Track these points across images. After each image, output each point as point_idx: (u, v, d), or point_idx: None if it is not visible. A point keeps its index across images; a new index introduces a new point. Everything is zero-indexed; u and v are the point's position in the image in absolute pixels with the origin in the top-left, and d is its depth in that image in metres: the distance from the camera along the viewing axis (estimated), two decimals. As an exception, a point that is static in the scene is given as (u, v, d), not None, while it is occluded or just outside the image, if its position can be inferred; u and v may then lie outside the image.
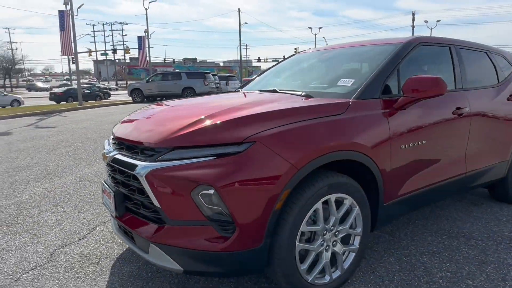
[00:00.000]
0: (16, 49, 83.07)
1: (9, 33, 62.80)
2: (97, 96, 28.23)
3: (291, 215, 1.94)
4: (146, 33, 29.09)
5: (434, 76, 2.40)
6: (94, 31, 61.15)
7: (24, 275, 2.49)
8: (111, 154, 2.24)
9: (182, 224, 1.90)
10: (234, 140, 1.86)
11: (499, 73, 3.53)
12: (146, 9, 28.99)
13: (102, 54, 39.07)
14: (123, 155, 2.17)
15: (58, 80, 71.70)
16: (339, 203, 2.18)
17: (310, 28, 48.13)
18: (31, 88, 56.86)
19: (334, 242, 2.18)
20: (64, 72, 45.22)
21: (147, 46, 29.21)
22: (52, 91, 28.74)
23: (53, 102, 25.31)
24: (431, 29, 44.47)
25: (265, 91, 2.98)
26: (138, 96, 21.14)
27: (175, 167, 1.85)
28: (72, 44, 18.42)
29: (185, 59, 74.83)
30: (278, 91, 2.82)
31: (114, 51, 38.62)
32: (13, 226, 3.32)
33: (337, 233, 2.18)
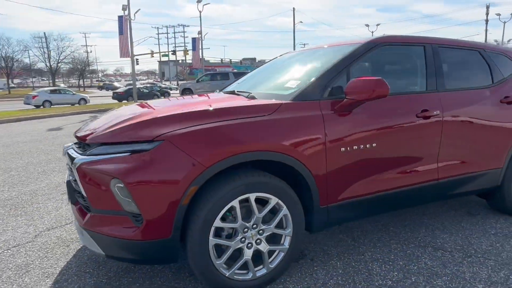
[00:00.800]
0: (91, 51, 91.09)
1: (85, 37, 68.94)
2: (155, 95, 30.02)
3: (203, 211, 2.03)
4: (200, 35, 30.34)
5: (375, 77, 2.32)
6: (158, 33, 65.00)
7: (5, 251, 2.87)
8: (66, 149, 2.51)
9: (103, 213, 2.09)
10: (146, 138, 2.01)
11: (495, 73, 3.23)
12: (200, 12, 30.33)
13: (163, 56, 41.54)
14: (74, 150, 2.42)
15: (126, 80, 77.12)
16: (264, 202, 2.22)
17: (367, 25, 46.34)
18: (108, 87, 61.83)
19: (258, 240, 2.23)
20: (131, 72, 48.61)
21: (200, 47, 30.50)
22: (114, 91, 31.18)
23: (116, 101, 27.46)
24: (504, 22, 40.44)
25: (227, 92, 3.09)
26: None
27: (97, 161, 2.05)
28: (129, 46, 19.92)
29: (243, 59, 76.51)
30: (236, 92, 2.91)
31: (174, 52, 40.82)
32: (19, 210, 3.79)
33: (261, 231, 2.22)
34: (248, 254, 2.20)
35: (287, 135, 2.21)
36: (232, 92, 2.94)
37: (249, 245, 2.20)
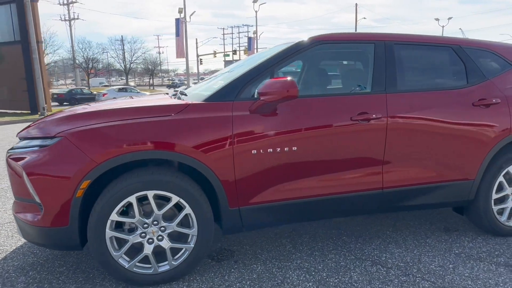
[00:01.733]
0: (162, 52, 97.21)
1: (158, 39, 73.77)
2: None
3: (99, 205, 2.15)
4: (255, 34, 30.70)
5: (284, 78, 2.24)
6: (223, 34, 67.12)
7: (-15, 229, 3.30)
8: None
9: (21, 200, 2.32)
10: (49, 135, 2.19)
11: (472, 73, 2.87)
12: (256, 12, 30.74)
13: (224, 55, 42.90)
14: None
15: (194, 80, 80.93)
16: (167, 200, 2.27)
17: (437, 19, 42.87)
18: (177, 86, 65.53)
19: (160, 237, 2.28)
20: (198, 72, 51.19)
21: (255, 47, 30.86)
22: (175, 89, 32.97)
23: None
24: None
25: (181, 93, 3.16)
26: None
27: (15, 153, 2.28)
28: (184, 47, 20.97)
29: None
30: (179, 93, 2.97)
31: (235, 52, 41.89)
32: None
33: (163, 228, 2.28)
34: (148, 249, 2.27)
35: (189, 136, 2.23)
36: (177, 93, 3.01)
37: (150, 240, 2.27)
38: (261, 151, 2.34)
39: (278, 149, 2.37)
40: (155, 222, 2.26)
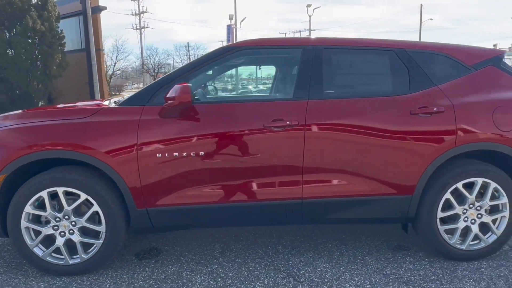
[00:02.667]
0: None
1: (222, 45, 76.53)
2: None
3: (16, 197, 2.39)
4: (310, 34, 30.09)
5: (182, 84, 2.28)
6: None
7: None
8: None
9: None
10: None
11: (415, 79, 2.63)
12: (309, 16, 30.42)
13: (282, 60, 43.18)
14: None
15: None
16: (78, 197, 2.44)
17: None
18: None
19: (71, 231, 2.45)
20: (256, 77, 52.41)
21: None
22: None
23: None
24: None
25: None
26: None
27: None
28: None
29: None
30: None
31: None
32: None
33: (73, 223, 2.45)
34: (60, 241, 2.45)
35: (95, 138, 2.38)
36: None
37: (62, 233, 2.45)
38: (166, 155, 2.40)
39: (184, 153, 2.41)
40: (66, 217, 2.44)
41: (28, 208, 2.40)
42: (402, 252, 2.84)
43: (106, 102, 2.92)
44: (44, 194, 2.39)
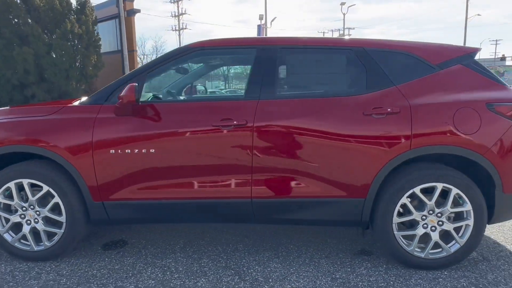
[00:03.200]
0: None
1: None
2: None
3: (-10, 187, 2.62)
4: (343, 32, 28.99)
5: (130, 84, 2.39)
6: (344, 36, 66.71)
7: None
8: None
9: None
10: None
11: (372, 78, 2.55)
12: (344, 14, 29.67)
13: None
14: None
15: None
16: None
17: None
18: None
19: (36, 220, 2.65)
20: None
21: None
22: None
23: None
24: None
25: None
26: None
27: None
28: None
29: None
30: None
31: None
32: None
33: (38, 212, 2.63)
34: (26, 229, 2.65)
35: (55, 134, 2.54)
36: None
37: (28, 221, 2.65)
38: (119, 151, 2.52)
39: (136, 150, 2.51)
40: (31, 207, 2.63)
41: (-1, 197, 2.62)
42: (363, 257, 2.76)
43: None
44: (11, 185, 2.59)
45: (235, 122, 2.47)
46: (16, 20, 14.23)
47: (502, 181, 2.45)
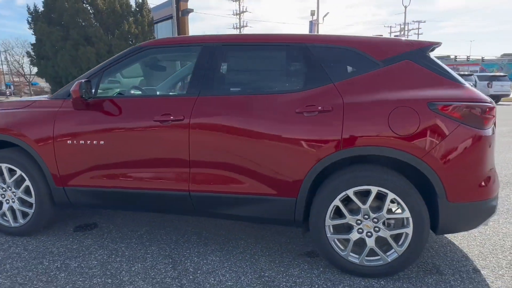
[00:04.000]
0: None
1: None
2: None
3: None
4: (403, 31, 27.24)
5: (79, 81, 2.61)
6: (390, 33, 63.15)
7: None
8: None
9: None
10: None
11: (312, 75, 2.47)
12: (405, 7, 27.50)
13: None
14: None
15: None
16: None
17: None
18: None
19: (13, 200, 3.02)
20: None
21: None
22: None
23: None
24: None
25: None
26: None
27: None
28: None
29: (502, 55, 62.85)
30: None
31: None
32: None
33: (14, 194, 3.00)
34: (5, 207, 3.04)
35: (25, 124, 2.88)
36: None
37: (7, 201, 3.03)
38: (74, 142, 2.77)
39: (88, 141, 2.75)
40: (9, 188, 3.01)
41: (-17, 179, 3.05)
42: (305, 259, 2.70)
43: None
44: (-7, 169, 3.00)
45: (172, 117, 2.58)
46: (83, 23, 15.81)
47: (445, 188, 2.24)
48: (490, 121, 2.30)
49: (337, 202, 2.39)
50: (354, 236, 2.41)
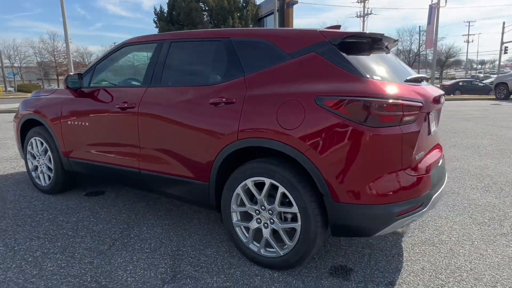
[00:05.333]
0: (472, 41, 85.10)
1: (468, 26, 66.03)
2: (490, 90, 25.82)
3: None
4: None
5: (68, 74, 3.29)
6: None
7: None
8: None
9: None
10: None
11: (230, 68, 2.58)
12: None
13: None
14: None
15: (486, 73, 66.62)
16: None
17: None
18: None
19: (42, 166, 3.96)
20: (500, 63, 42.95)
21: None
22: (442, 83, 29.52)
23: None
24: None
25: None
26: (502, 91, 17.89)
27: None
28: (433, 36, 18.74)
29: None
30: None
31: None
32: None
33: (38, 161, 3.93)
34: (39, 170, 4.00)
35: (47, 108, 3.73)
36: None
37: (41, 166, 3.99)
38: (72, 122, 3.50)
39: (80, 122, 3.44)
40: (38, 155, 3.96)
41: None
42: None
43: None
44: (32, 140, 3.98)
45: (126, 105, 3.04)
46: (196, 19, 17.68)
47: (330, 187, 2.12)
48: (390, 118, 2.06)
49: (239, 190, 2.49)
50: (253, 225, 2.47)
